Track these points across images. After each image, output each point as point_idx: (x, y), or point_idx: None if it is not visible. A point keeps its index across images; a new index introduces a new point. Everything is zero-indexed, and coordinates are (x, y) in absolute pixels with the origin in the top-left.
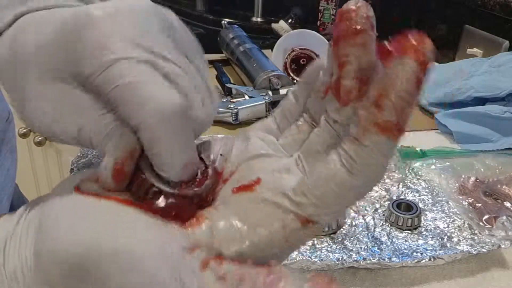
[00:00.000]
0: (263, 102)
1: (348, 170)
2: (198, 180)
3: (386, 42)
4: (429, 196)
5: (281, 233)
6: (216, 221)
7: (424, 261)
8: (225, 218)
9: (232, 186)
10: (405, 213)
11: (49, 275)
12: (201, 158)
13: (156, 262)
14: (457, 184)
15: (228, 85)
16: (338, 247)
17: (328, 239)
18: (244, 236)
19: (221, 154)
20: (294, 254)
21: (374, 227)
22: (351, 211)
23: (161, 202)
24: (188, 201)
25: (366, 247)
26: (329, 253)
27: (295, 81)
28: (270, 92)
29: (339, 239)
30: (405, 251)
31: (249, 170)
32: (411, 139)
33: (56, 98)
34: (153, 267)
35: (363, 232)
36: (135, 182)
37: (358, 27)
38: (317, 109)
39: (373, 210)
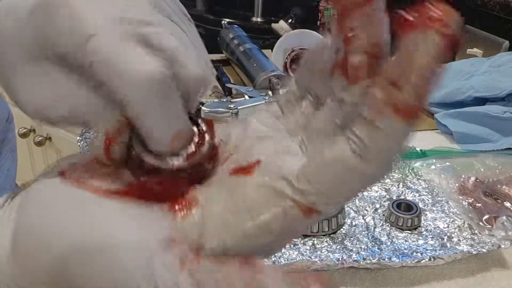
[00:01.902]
0: (263, 102)
1: (358, 155)
2: (192, 152)
3: (404, 12)
4: (429, 196)
5: (280, 221)
6: (209, 206)
7: (424, 261)
8: (219, 202)
9: (230, 167)
10: (405, 213)
11: (24, 264)
12: (195, 122)
13: (129, 258)
14: (457, 184)
15: (228, 85)
16: (338, 247)
17: (328, 239)
18: (238, 222)
19: (221, 140)
20: (294, 254)
21: (374, 227)
22: (351, 211)
23: (148, 182)
24: (180, 173)
25: (366, 247)
26: (329, 253)
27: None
28: (270, 92)
29: (339, 239)
30: (405, 251)
31: (249, 151)
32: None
33: (43, 80)
34: (125, 263)
35: (363, 232)
36: (129, 158)
37: None
38: (322, 89)
39: (373, 210)
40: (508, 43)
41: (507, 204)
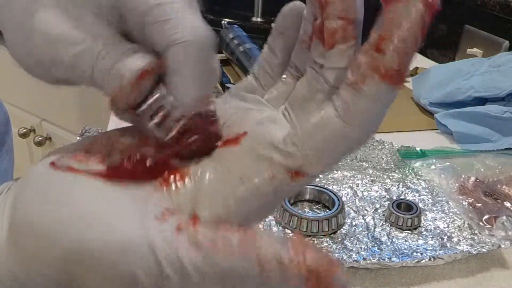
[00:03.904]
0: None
1: (342, 118)
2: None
3: None
4: (429, 196)
5: (269, 185)
6: (200, 177)
7: (424, 261)
8: (209, 173)
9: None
10: (405, 213)
11: (23, 255)
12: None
13: (126, 235)
14: (457, 184)
15: (228, 85)
16: (338, 247)
17: (328, 239)
18: (230, 188)
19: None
20: None
21: (374, 227)
22: (351, 211)
23: (138, 162)
24: (171, 147)
25: (366, 247)
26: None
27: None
28: None
29: (339, 239)
30: (405, 251)
31: (234, 125)
32: (411, 139)
33: (67, 16)
34: (122, 242)
35: (363, 232)
36: (131, 113)
37: None
38: (302, 61)
39: (373, 210)
40: (508, 43)
41: (507, 204)
